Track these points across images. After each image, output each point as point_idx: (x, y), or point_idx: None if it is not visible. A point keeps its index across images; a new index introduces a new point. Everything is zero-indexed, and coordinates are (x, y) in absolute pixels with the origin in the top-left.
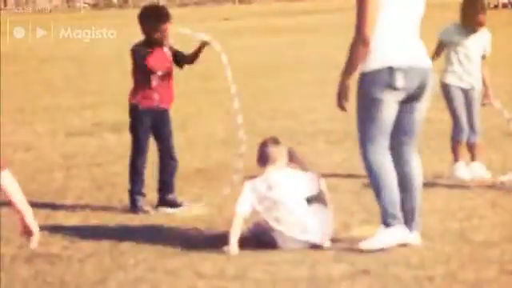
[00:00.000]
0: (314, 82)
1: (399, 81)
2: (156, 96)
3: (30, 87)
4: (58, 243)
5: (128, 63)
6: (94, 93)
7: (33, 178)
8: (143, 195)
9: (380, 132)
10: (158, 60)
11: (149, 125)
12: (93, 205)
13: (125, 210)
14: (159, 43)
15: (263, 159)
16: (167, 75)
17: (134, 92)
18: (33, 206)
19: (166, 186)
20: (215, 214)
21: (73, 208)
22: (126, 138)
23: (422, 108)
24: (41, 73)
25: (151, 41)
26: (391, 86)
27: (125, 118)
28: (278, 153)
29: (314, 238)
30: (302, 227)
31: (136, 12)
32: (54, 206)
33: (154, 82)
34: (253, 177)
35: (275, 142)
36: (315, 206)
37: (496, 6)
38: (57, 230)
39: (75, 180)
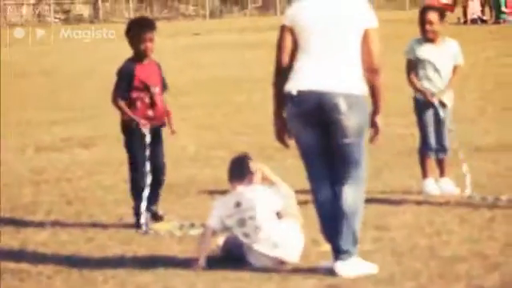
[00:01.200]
0: None
1: (297, 105)
2: (150, 113)
3: (1, 102)
4: (27, 259)
5: (99, 78)
6: (64, 108)
7: (2, 193)
8: (147, 212)
9: (307, 161)
10: (148, 74)
11: (144, 140)
12: (62, 220)
13: (94, 225)
14: (145, 54)
15: (234, 175)
16: (159, 91)
17: (129, 107)
18: (2, 221)
19: (153, 198)
20: (186, 228)
21: (42, 223)
22: (96, 153)
23: (344, 135)
24: (13, 87)
25: (138, 53)
26: (293, 111)
27: (95, 133)
28: (249, 169)
29: (284, 254)
30: (271, 243)
31: (107, 26)
32: (23, 222)
33: (147, 99)
34: (223, 192)
35: (247, 157)
36: (285, 222)
37: (465, 22)
38: (26, 246)
39: (44, 195)
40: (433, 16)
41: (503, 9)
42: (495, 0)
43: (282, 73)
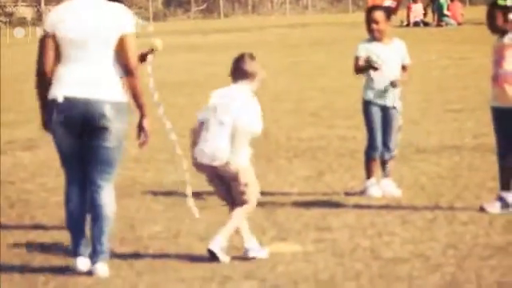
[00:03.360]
0: None
1: (61, 111)
2: None
3: None
4: None
5: None
6: (7, 110)
7: None
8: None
9: (66, 166)
10: None
11: None
12: (5, 222)
13: (36, 227)
14: None
15: (239, 73)
16: None
17: None
18: None
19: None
20: (127, 230)
21: None
22: (39, 155)
23: (108, 140)
24: None
25: None
26: (58, 119)
27: (38, 135)
28: (256, 68)
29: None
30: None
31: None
32: None
33: None
34: (165, 194)
35: (251, 57)
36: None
37: (408, 25)
38: None
39: None
40: (379, 15)
41: (445, 12)
42: (438, 4)
43: (44, 79)
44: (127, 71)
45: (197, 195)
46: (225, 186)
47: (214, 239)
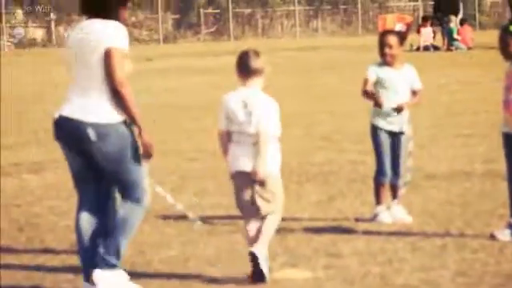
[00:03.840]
0: None
1: (56, 129)
2: None
3: None
4: None
5: (50, 101)
6: (13, 132)
7: None
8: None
9: (74, 183)
10: None
11: None
12: (14, 246)
13: (46, 251)
14: None
15: (248, 71)
16: None
17: None
18: None
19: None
20: (136, 255)
21: None
22: (46, 178)
23: (103, 162)
24: None
25: None
26: (55, 135)
27: (45, 157)
28: (263, 63)
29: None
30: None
31: (60, 51)
32: None
33: None
34: (177, 218)
35: (256, 53)
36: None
37: (418, 49)
38: None
39: None
40: (392, 40)
41: (455, 36)
42: (448, 28)
43: None
44: (112, 86)
45: (206, 219)
46: (251, 196)
47: (255, 247)
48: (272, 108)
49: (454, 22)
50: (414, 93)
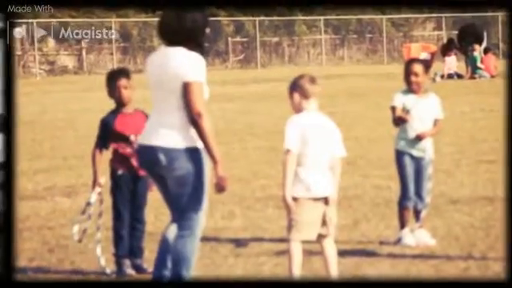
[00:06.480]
0: (262, 148)
1: (137, 156)
2: (133, 162)
3: None
4: None
5: (81, 127)
6: (46, 157)
7: None
8: (127, 258)
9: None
10: (128, 123)
11: (127, 189)
12: (44, 267)
13: (76, 272)
14: (122, 103)
15: (303, 93)
16: None
17: (113, 156)
18: None
19: (133, 250)
20: None
21: (24, 270)
22: (78, 202)
23: (171, 186)
24: None
25: (116, 102)
26: (138, 161)
27: (77, 182)
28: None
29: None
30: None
31: (91, 77)
32: None
33: (129, 149)
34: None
35: (313, 80)
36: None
37: (442, 77)
38: None
39: (27, 243)
40: (418, 68)
41: (479, 64)
42: (471, 56)
43: None
44: (190, 117)
45: (233, 242)
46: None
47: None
48: (336, 128)
49: (478, 50)
50: (434, 122)
